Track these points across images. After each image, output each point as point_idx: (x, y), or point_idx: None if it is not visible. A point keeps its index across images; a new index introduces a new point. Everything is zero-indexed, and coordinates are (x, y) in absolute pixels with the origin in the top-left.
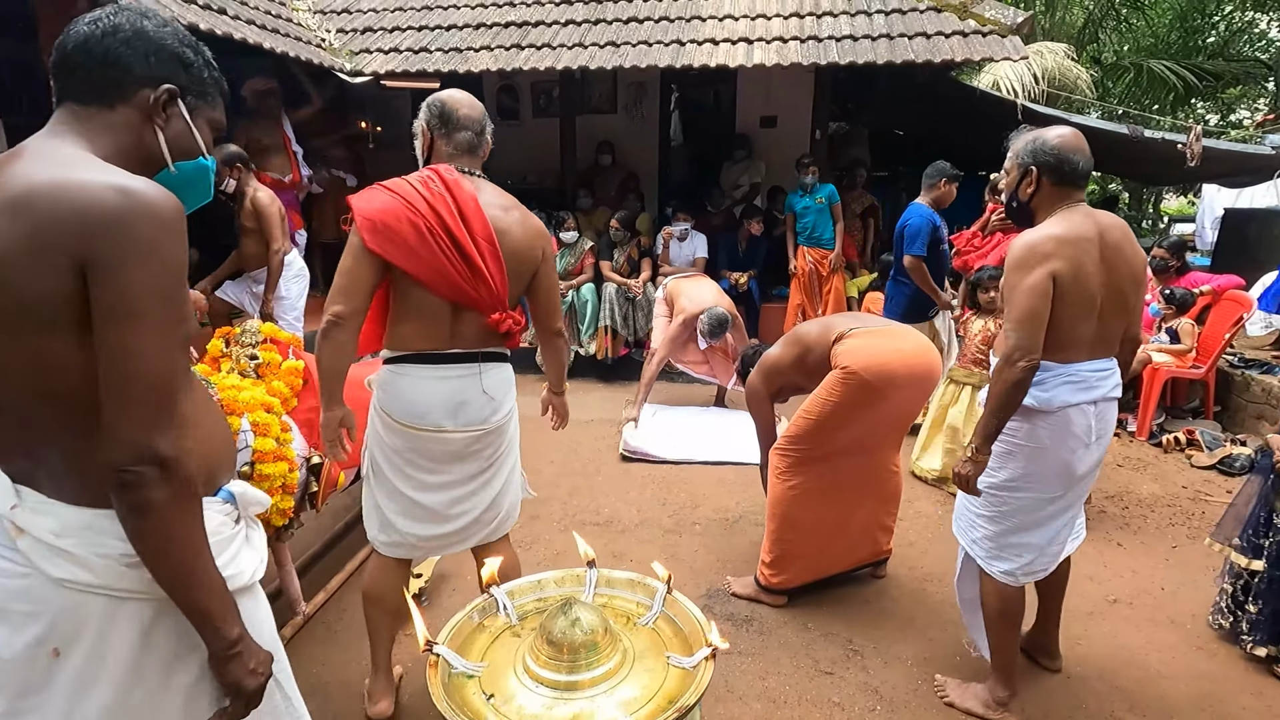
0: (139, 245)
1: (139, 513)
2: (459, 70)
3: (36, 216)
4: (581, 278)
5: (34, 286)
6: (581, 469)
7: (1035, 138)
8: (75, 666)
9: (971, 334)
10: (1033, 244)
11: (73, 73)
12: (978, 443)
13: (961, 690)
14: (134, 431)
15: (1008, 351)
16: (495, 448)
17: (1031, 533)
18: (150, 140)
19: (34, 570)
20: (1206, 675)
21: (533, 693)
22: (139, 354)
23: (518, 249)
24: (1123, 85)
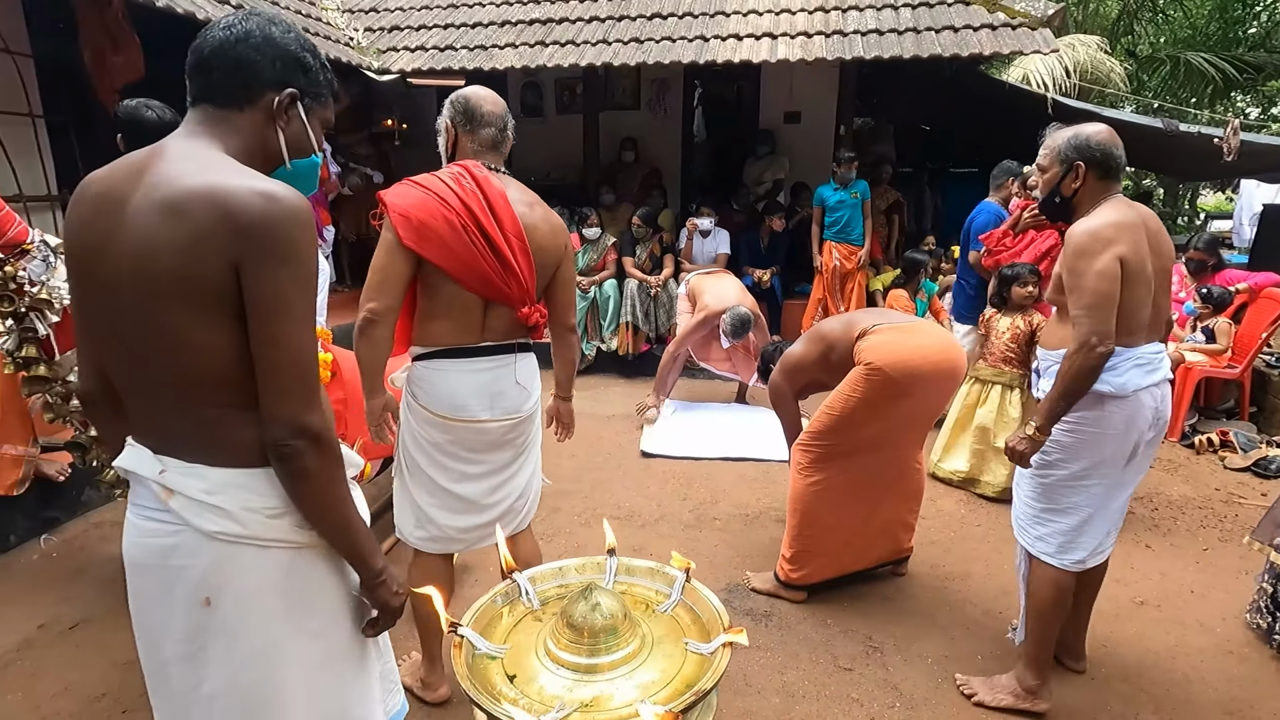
0: (284, 246)
1: (298, 478)
2: (484, 67)
3: (195, 220)
4: (604, 274)
5: (195, 281)
6: (603, 463)
7: (1076, 134)
8: (226, 612)
9: (999, 332)
10: (1095, 230)
11: (209, 76)
12: (1040, 423)
13: (988, 686)
14: (289, 410)
15: (1083, 337)
16: (526, 435)
17: (1103, 519)
18: (272, 139)
19: (184, 527)
20: (1236, 679)
21: (554, 674)
22: (287, 342)
23: (543, 244)
24: (1159, 78)
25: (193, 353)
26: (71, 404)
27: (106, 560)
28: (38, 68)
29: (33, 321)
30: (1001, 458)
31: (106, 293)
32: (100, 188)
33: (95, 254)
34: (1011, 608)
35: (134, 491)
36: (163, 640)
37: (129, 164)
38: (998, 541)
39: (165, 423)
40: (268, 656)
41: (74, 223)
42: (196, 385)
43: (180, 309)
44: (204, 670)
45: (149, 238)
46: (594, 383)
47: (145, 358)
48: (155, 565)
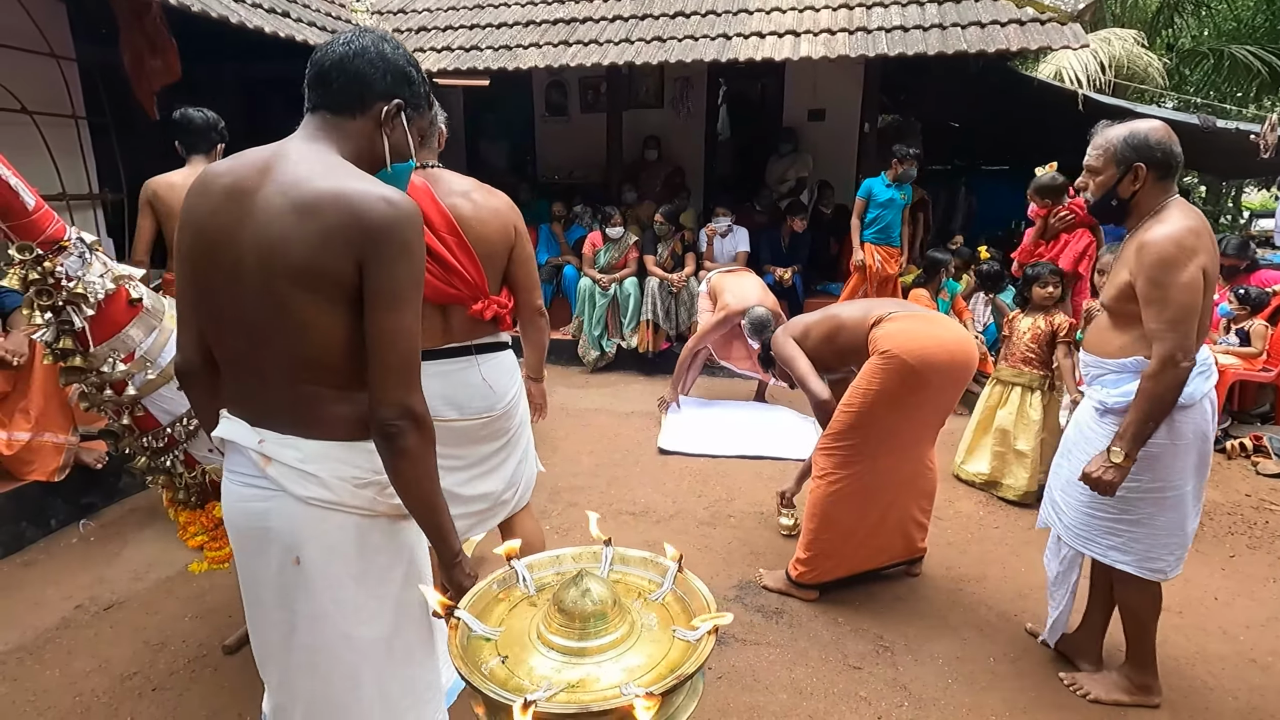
0: (403, 247)
1: (401, 455)
2: (508, 67)
3: (326, 219)
4: (625, 271)
5: (322, 274)
6: (620, 460)
7: (1133, 132)
8: (311, 570)
9: (1020, 332)
10: (1179, 239)
11: (328, 86)
12: (1127, 448)
13: (1099, 683)
14: (397, 393)
15: (1168, 353)
16: (507, 431)
17: (1182, 525)
18: (378, 144)
19: (279, 492)
20: (1258, 689)
21: (544, 656)
22: (400, 332)
23: (485, 234)
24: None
25: (309, 335)
26: (105, 394)
27: (142, 545)
28: (81, 71)
29: (69, 315)
30: (1022, 461)
31: (229, 277)
32: (228, 181)
33: (221, 242)
34: (1028, 611)
35: (230, 460)
36: (262, 594)
37: (252, 161)
38: (1016, 545)
39: (267, 397)
40: (344, 614)
41: (201, 212)
42: (306, 365)
43: (305, 296)
44: (292, 624)
45: (281, 232)
46: (614, 380)
47: (263, 337)
48: (253, 527)
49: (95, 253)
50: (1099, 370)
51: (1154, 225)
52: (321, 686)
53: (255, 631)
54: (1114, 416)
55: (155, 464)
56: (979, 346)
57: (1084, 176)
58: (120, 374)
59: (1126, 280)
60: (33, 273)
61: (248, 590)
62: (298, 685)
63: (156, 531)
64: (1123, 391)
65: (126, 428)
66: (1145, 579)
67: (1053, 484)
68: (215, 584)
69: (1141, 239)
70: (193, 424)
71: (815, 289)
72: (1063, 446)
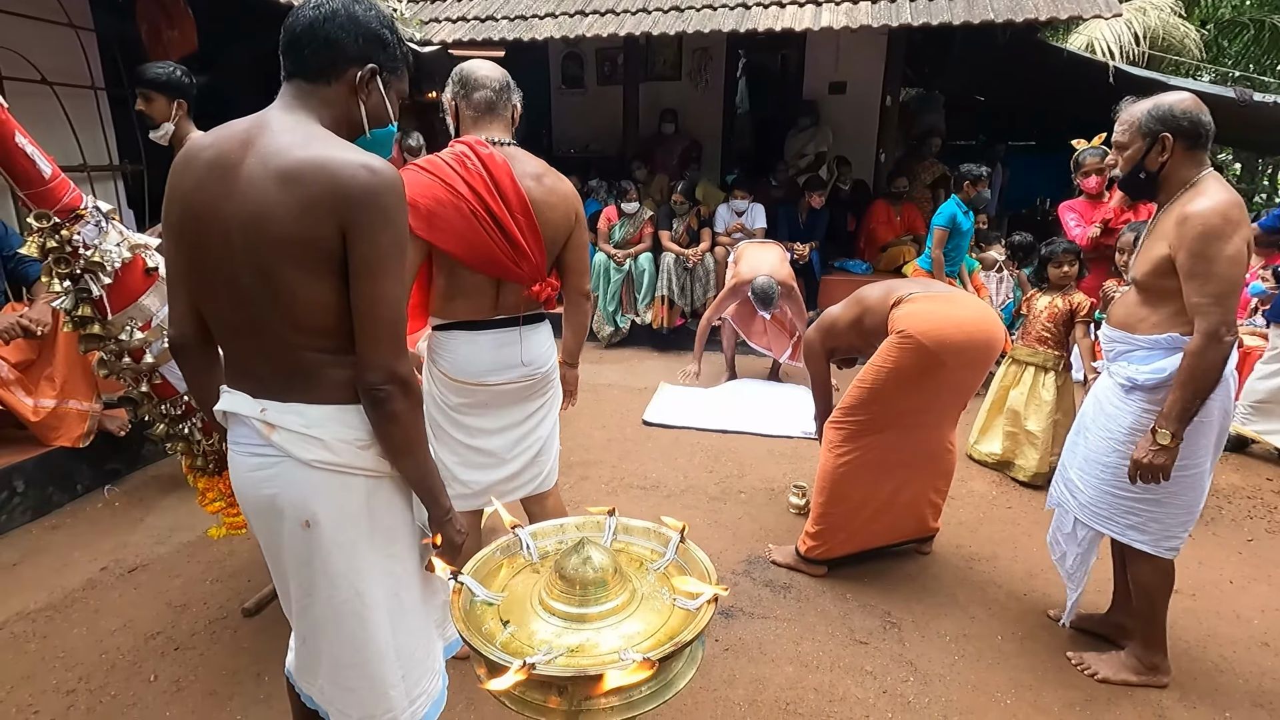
0: (385, 214)
1: (389, 419)
2: (524, 38)
3: (308, 188)
4: (640, 246)
5: (306, 243)
6: (632, 435)
7: (1157, 104)
8: (322, 533)
9: (1037, 311)
10: (1224, 211)
11: (301, 53)
12: (1174, 428)
13: (1108, 663)
14: (384, 358)
15: (1213, 328)
16: (544, 393)
17: (1198, 501)
18: (355, 111)
19: (284, 458)
20: (1269, 672)
21: (545, 622)
22: (385, 299)
23: (553, 218)
24: (1239, 44)
25: (299, 304)
26: (123, 361)
27: (164, 510)
28: (99, 42)
29: (87, 283)
30: (1033, 442)
31: (219, 250)
32: (211, 154)
33: (207, 214)
34: (1037, 591)
35: (233, 432)
36: (280, 558)
37: (234, 132)
38: (1027, 525)
39: (265, 367)
40: (358, 572)
41: (186, 185)
42: (300, 332)
43: (291, 266)
44: (309, 584)
45: (264, 203)
46: (627, 355)
47: (257, 308)
48: (262, 495)
49: (111, 221)
50: (1126, 346)
51: (1195, 197)
52: (341, 643)
53: (282, 595)
54: (1142, 393)
55: (173, 431)
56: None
57: (1113, 154)
58: (138, 342)
59: (1165, 254)
60: (50, 241)
61: (268, 555)
62: (320, 644)
63: (178, 498)
64: (1154, 368)
65: (145, 395)
66: (1160, 557)
67: (1068, 462)
68: (234, 549)
69: (1183, 211)
70: None
71: (832, 266)
72: (1078, 423)
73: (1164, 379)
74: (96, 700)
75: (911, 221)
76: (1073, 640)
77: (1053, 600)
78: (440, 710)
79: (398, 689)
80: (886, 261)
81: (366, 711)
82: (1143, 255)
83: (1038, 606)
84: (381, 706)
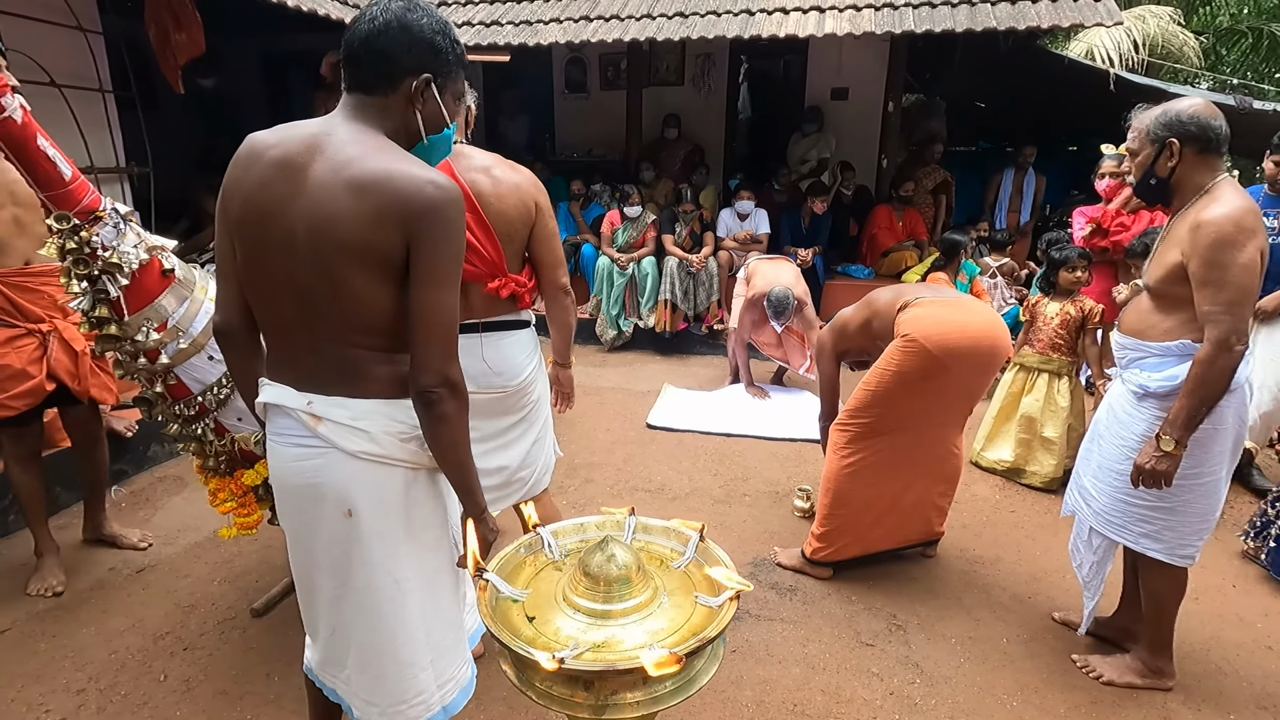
0: (448, 227)
1: (440, 419)
2: (529, 43)
3: (377, 199)
4: (643, 250)
5: (372, 249)
6: (636, 437)
7: (1165, 110)
8: (363, 522)
9: (1048, 317)
10: (1238, 219)
11: (359, 67)
12: (1178, 435)
13: (1112, 666)
14: (437, 362)
15: (1223, 336)
16: (523, 406)
17: (1214, 510)
18: (412, 120)
19: (330, 449)
20: (1273, 675)
21: (570, 618)
22: (442, 306)
23: (503, 210)
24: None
25: (358, 304)
26: (139, 362)
27: (171, 510)
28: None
29: (105, 284)
30: (1049, 448)
31: (281, 247)
32: (278, 154)
33: (272, 213)
34: (1041, 594)
35: (274, 424)
36: (313, 548)
37: (300, 136)
38: (1032, 529)
39: (314, 361)
40: (396, 558)
41: (250, 182)
42: (354, 330)
43: (355, 268)
44: (345, 573)
45: (335, 208)
46: (630, 359)
47: (314, 304)
48: (305, 484)
49: (129, 223)
50: (1139, 354)
51: (1209, 204)
52: (373, 630)
53: (306, 589)
54: (1154, 400)
55: (187, 431)
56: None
57: (1127, 161)
58: (153, 342)
59: (1178, 261)
60: (70, 242)
61: (298, 549)
62: (351, 633)
63: (185, 498)
64: (1166, 375)
65: (159, 395)
66: (1174, 565)
67: (1081, 470)
68: (243, 550)
69: (1197, 218)
70: (223, 393)
71: (835, 270)
72: (1092, 431)
73: (1175, 387)
74: (107, 699)
75: (913, 227)
76: (1078, 643)
77: (1057, 603)
78: (468, 697)
79: (427, 672)
80: (888, 266)
81: (396, 697)
82: (1156, 261)
83: (1042, 609)
84: (412, 690)
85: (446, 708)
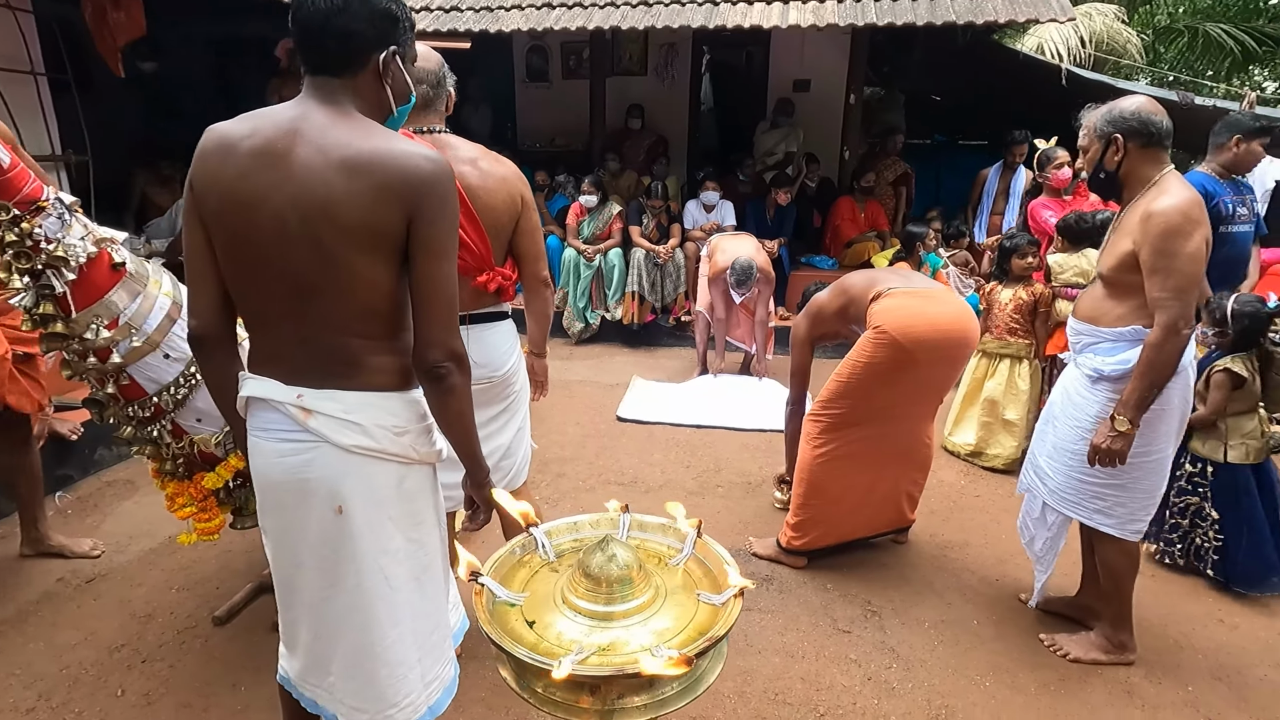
0: (444, 199)
1: (448, 392)
2: (489, 30)
3: (374, 179)
4: (609, 242)
5: (375, 228)
6: (607, 430)
7: (1110, 108)
8: (354, 518)
9: (1002, 304)
10: (1185, 210)
11: (324, 50)
12: (1130, 415)
13: (1077, 643)
14: (443, 335)
15: (1171, 321)
16: (503, 398)
17: (1160, 486)
18: (383, 95)
19: (320, 443)
20: (1225, 646)
21: (571, 621)
22: (445, 279)
23: (492, 204)
24: (1175, 50)
25: (359, 288)
26: (88, 361)
27: (122, 516)
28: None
29: (49, 279)
30: (1010, 430)
31: (272, 237)
32: (256, 144)
33: (256, 203)
34: (1009, 576)
35: (258, 418)
36: (299, 548)
37: (275, 122)
38: (996, 512)
39: (304, 354)
40: (388, 555)
41: (228, 175)
42: (352, 317)
43: (356, 251)
44: (335, 572)
45: (331, 191)
46: (598, 352)
47: (311, 293)
48: (293, 479)
49: (75, 214)
50: (1093, 339)
51: (1157, 196)
52: (364, 631)
53: (287, 592)
54: (1108, 384)
55: (141, 434)
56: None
57: (1080, 159)
58: (104, 341)
59: (1129, 250)
60: (9, 234)
61: (281, 549)
62: (337, 634)
63: (136, 503)
64: (1120, 359)
65: (111, 396)
66: (1126, 540)
67: (1037, 450)
68: (201, 556)
69: (1147, 209)
70: (180, 393)
71: (800, 261)
72: (1046, 413)
73: (1128, 370)
74: (59, 717)
75: (875, 218)
76: (1044, 622)
77: (1023, 585)
78: (452, 696)
79: (415, 672)
80: (851, 257)
81: (387, 701)
82: (1109, 251)
83: (1010, 591)
84: (401, 692)
85: (432, 708)
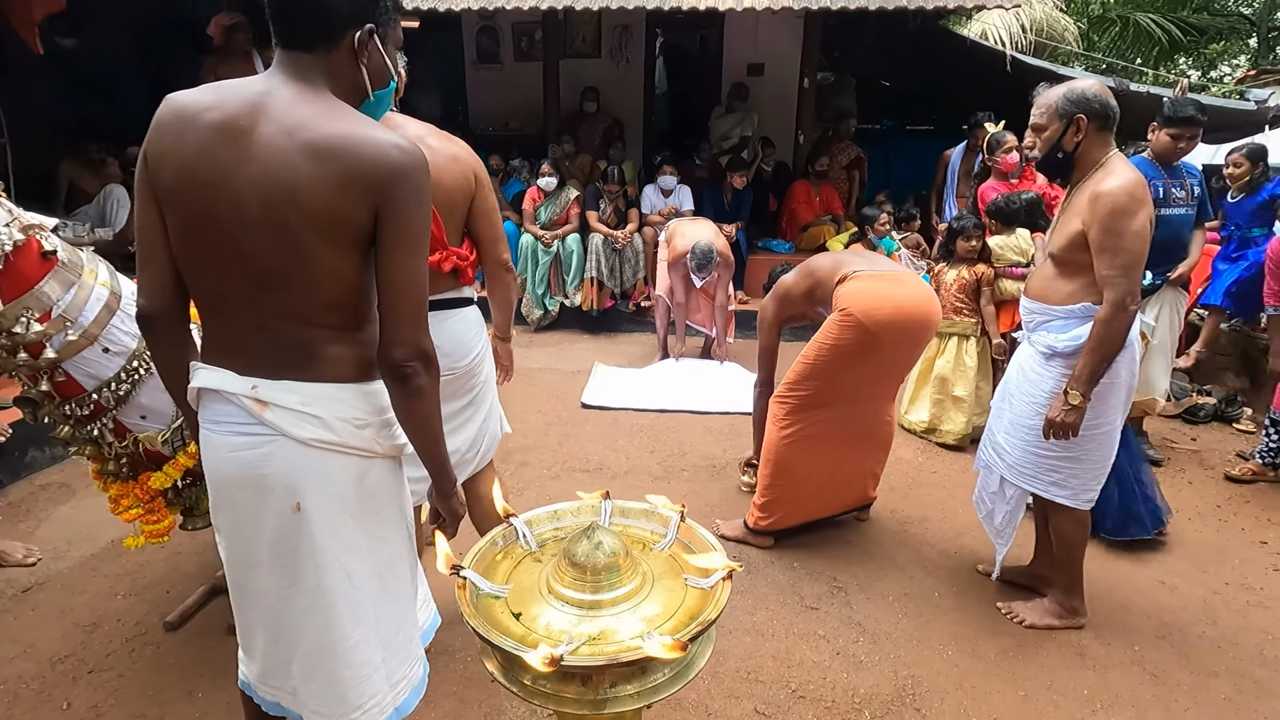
0: (417, 193)
1: (414, 394)
2: (438, 9)
3: (340, 165)
4: (567, 228)
5: (338, 218)
6: (570, 417)
7: (1071, 89)
8: (313, 515)
9: (947, 284)
10: (1131, 190)
11: (294, 23)
12: (1082, 389)
13: (1031, 610)
14: (410, 334)
15: (1119, 298)
16: (471, 389)
17: (1110, 456)
18: (358, 76)
19: (277, 437)
20: (1167, 608)
21: (559, 611)
22: (412, 274)
23: (441, 181)
24: (1108, 38)
25: (321, 277)
26: (19, 357)
27: (58, 522)
28: None
29: None
30: (960, 406)
31: (230, 219)
32: (217, 117)
33: (215, 182)
34: (966, 548)
35: (210, 410)
36: (255, 546)
37: (239, 97)
38: (952, 488)
39: (260, 343)
40: (349, 551)
41: (186, 149)
42: (312, 307)
43: (318, 238)
44: (293, 571)
45: (295, 175)
46: (558, 339)
47: (271, 280)
48: (248, 475)
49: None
50: (1045, 317)
51: (1105, 177)
52: (324, 632)
53: (244, 593)
54: (1061, 360)
55: (80, 434)
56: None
57: (1029, 135)
58: (35, 335)
59: (1078, 230)
60: None
61: (235, 548)
62: (297, 636)
63: (73, 507)
64: (1071, 336)
65: (45, 394)
66: (1079, 509)
67: (995, 427)
68: (148, 559)
69: (1095, 190)
70: (122, 389)
71: (758, 245)
72: (1002, 390)
73: (1079, 346)
74: None
75: (830, 202)
76: (1001, 591)
77: (980, 556)
78: (420, 696)
79: (380, 673)
80: (807, 241)
81: (351, 703)
82: (1059, 230)
83: (968, 563)
84: (366, 694)
85: (399, 708)
